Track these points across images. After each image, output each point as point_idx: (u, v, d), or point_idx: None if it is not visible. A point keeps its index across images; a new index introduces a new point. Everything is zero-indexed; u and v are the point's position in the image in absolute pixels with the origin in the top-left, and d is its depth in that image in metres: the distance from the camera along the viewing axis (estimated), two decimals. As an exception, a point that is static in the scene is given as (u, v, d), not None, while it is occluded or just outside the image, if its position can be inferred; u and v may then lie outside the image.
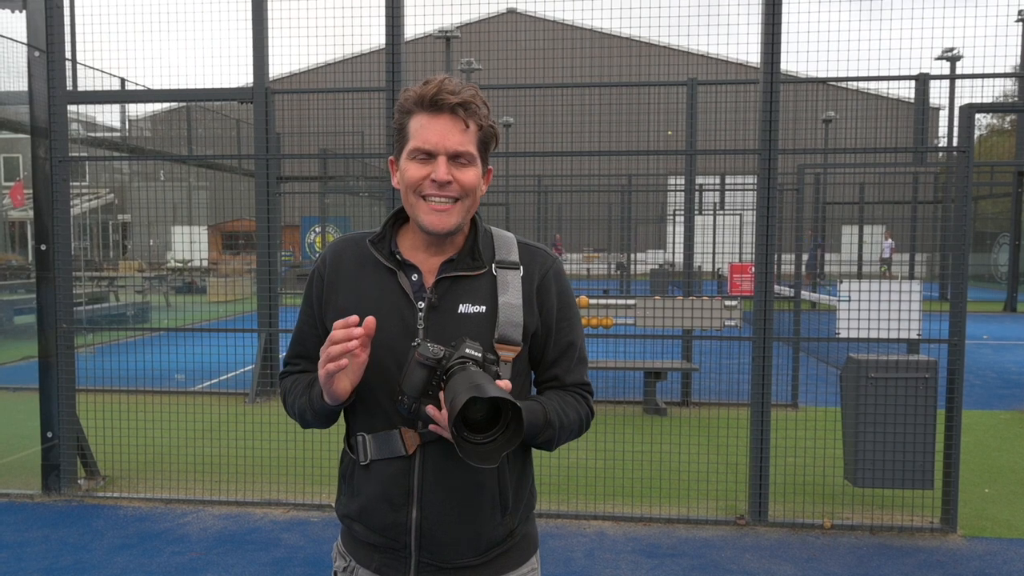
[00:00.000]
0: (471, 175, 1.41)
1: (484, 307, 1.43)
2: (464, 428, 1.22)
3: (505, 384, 1.29)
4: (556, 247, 18.21)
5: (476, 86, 1.41)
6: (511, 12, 22.01)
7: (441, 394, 1.29)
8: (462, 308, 1.42)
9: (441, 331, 1.41)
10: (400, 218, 1.52)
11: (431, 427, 1.34)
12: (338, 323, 1.32)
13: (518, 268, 1.47)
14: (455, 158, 1.39)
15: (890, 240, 17.53)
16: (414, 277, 1.46)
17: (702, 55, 20.23)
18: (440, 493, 1.41)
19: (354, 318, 1.32)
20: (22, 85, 4.84)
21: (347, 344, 1.30)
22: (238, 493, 4.74)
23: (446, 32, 14.11)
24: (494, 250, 1.48)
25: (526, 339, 1.46)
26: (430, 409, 1.31)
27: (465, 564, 1.45)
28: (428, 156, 1.39)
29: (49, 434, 4.78)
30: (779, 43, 4.17)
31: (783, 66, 4.25)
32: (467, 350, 1.31)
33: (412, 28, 4.59)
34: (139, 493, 4.80)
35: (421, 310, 1.42)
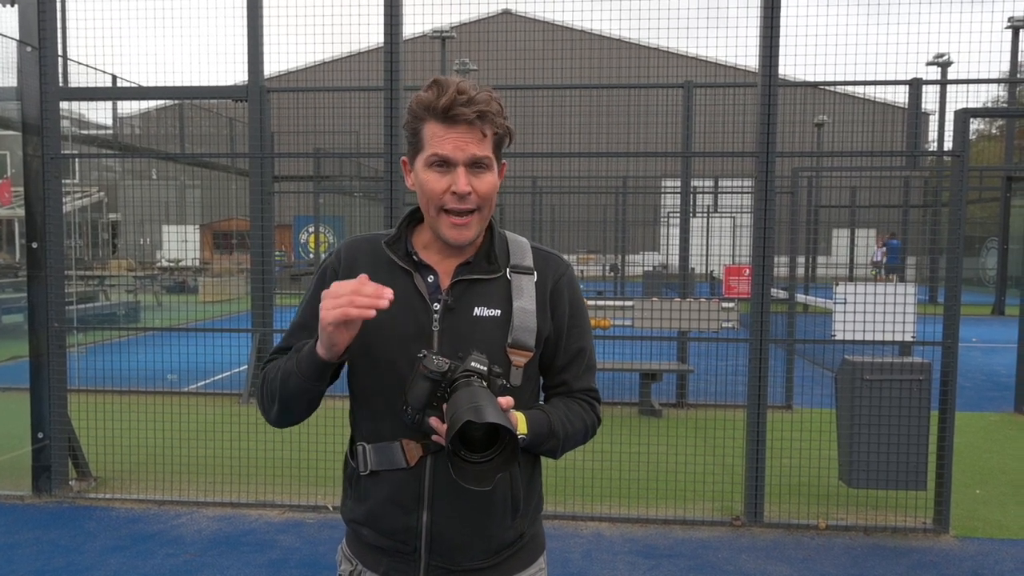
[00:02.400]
0: (489, 182, 1.40)
1: (499, 311, 1.42)
2: (461, 447, 1.21)
3: (507, 401, 1.28)
4: None
5: (489, 87, 1.39)
6: (506, 13, 22.02)
7: (445, 406, 1.29)
8: (477, 311, 1.42)
9: (456, 333, 1.40)
10: (414, 218, 1.51)
11: (434, 438, 1.33)
12: (365, 278, 1.27)
13: (532, 273, 1.47)
14: (473, 164, 1.38)
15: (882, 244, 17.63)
16: (430, 279, 1.45)
17: (696, 58, 20.30)
18: (452, 497, 1.40)
19: (389, 291, 1.28)
20: (10, 81, 4.78)
21: (379, 302, 1.25)
22: (232, 494, 4.71)
23: (441, 32, 14.09)
24: (509, 254, 1.48)
25: (539, 344, 1.45)
26: (433, 421, 1.31)
27: (475, 567, 1.44)
28: (446, 164, 1.37)
29: (40, 435, 4.73)
30: (777, 47, 4.19)
31: (780, 70, 4.27)
32: (473, 363, 1.30)
33: (408, 28, 4.57)
34: (132, 494, 4.76)
35: (436, 311, 1.41)
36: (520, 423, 1.37)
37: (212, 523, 4.38)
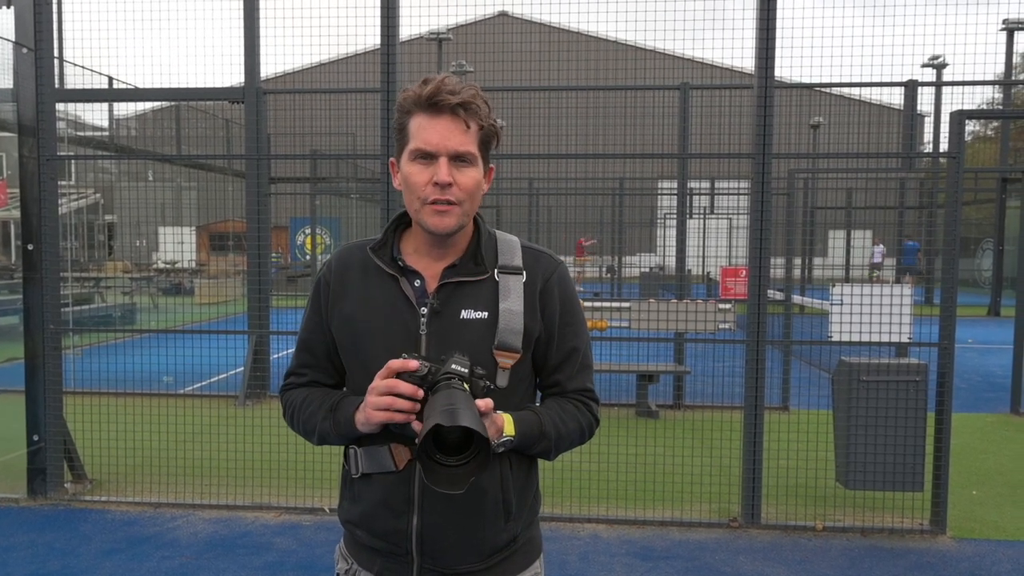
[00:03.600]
0: (472, 177, 1.39)
1: (486, 313, 1.42)
2: (436, 450, 1.21)
3: (486, 403, 1.28)
4: (580, 247, 18.26)
5: (476, 85, 1.39)
6: (503, 15, 22.04)
7: (424, 408, 1.29)
8: (464, 314, 1.41)
9: (443, 337, 1.40)
10: (402, 223, 1.51)
11: (416, 441, 1.33)
12: (398, 368, 1.31)
13: (521, 273, 1.46)
14: (456, 159, 1.37)
15: (880, 246, 17.57)
16: (417, 283, 1.45)
17: (692, 59, 20.33)
18: (442, 500, 1.40)
19: (414, 365, 1.31)
20: (6, 83, 4.78)
21: (417, 405, 1.30)
22: (228, 497, 4.69)
23: (438, 34, 14.09)
24: (497, 254, 1.47)
25: (528, 345, 1.45)
26: (415, 425, 1.31)
27: (468, 570, 1.45)
28: (429, 157, 1.37)
29: (35, 437, 4.71)
30: (773, 49, 4.20)
31: (776, 71, 4.28)
32: (453, 365, 1.30)
33: (405, 29, 4.57)
34: (127, 497, 4.75)
35: (424, 316, 1.42)
36: (507, 424, 1.37)
37: (208, 526, 4.37)
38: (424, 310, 1.42)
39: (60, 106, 4.97)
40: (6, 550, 3.99)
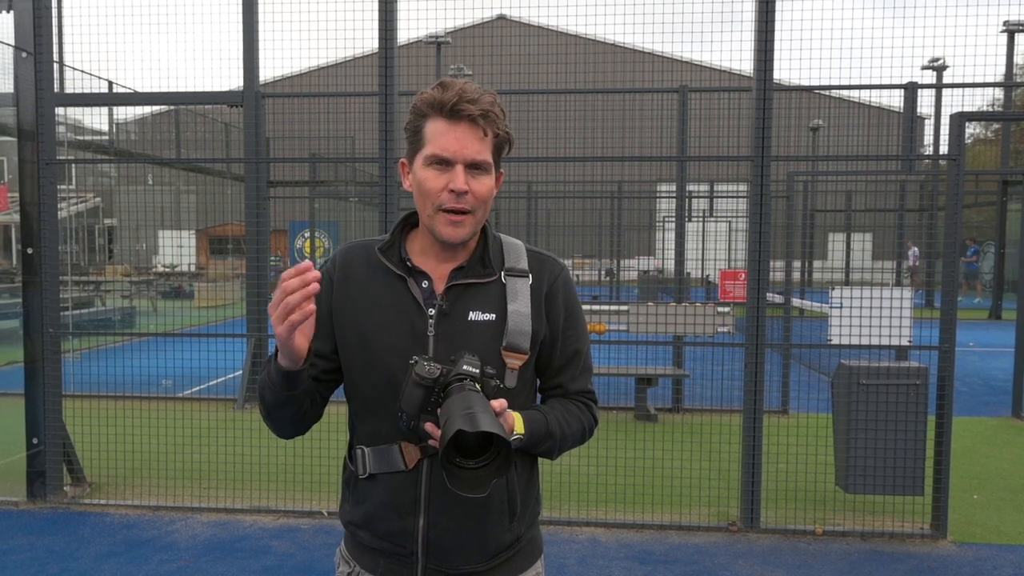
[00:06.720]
0: (486, 185, 1.41)
1: (494, 315, 1.43)
2: (456, 454, 1.20)
3: (500, 403, 1.28)
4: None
5: (494, 93, 1.40)
6: (501, 18, 22.07)
7: (439, 411, 1.29)
8: (472, 315, 1.42)
9: (451, 338, 1.41)
10: (408, 223, 1.51)
11: (430, 442, 1.33)
12: (287, 273, 1.24)
13: (527, 276, 1.47)
14: (472, 167, 1.38)
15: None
16: (424, 284, 1.45)
17: (691, 62, 20.36)
18: (448, 501, 1.40)
19: (306, 263, 1.25)
20: (6, 87, 4.78)
21: (306, 290, 1.22)
22: (227, 500, 4.69)
23: (436, 37, 14.11)
24: (503, 257, 1.48)
25: (534, 347, 1.46)
26: (428, 426, 1.31)
27: (472, 570, 1.45)
28: (445, 164, 1.38)
29: (35, 440, 4.71)
30: (772, 51, 4.20)
31: (775, 74, 4.28)
32: (465, 366, 1.30)
33: (404, 33, 4.58)
34: (126, 500, 4.74)
35: (432, 317, 1.42)
36: (517, 423, 1.38)
37: (206, 529, 4.36)
38: (432, 311, 1.42)
39: (60, 110, 4.98)
40: (5, 553, 3.98)
